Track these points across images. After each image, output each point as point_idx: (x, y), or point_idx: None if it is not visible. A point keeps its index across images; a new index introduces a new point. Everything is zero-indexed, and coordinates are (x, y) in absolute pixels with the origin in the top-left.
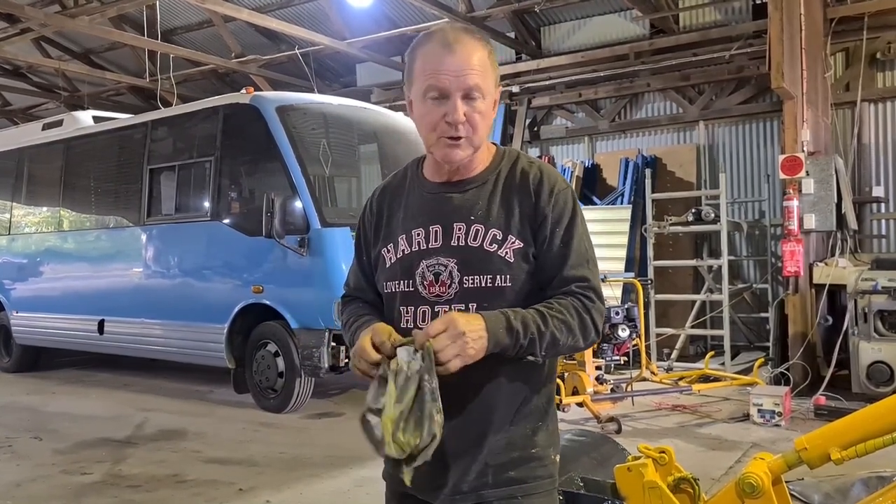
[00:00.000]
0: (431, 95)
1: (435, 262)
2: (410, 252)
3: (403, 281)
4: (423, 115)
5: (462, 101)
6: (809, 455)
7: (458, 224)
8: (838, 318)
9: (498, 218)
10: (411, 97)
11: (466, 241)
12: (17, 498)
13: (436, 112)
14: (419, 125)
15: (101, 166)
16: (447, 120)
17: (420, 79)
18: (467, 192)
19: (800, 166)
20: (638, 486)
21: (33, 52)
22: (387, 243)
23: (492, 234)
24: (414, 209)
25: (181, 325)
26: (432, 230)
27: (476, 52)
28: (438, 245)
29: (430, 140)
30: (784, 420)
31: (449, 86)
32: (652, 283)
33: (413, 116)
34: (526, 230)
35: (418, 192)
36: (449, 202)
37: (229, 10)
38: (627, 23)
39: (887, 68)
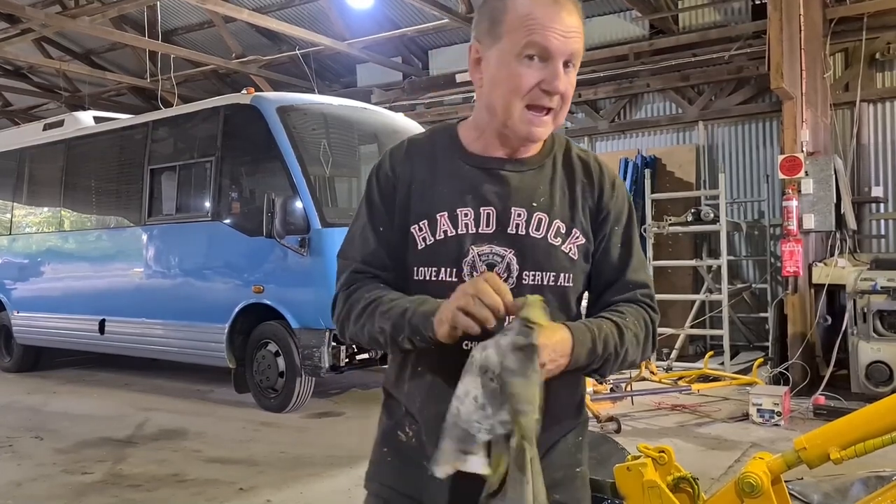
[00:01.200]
0: (530, 53)
1: (489, 251)
2: (456, 235)
3: (445, 269)
4: (511, 76)
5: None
6: (809, 455)
7: (518, 209)
8: (837, 318)
9: (562, 208)
10: (490, 55)
11: (528, 231)
12: (17, 498)
13: (531, 75)
14: (497, 86)
15: (102, 166)
16: (544, 87)
17: (518, 31)
18: (524, 173)
19: (799, 166)
20: (637, 486)
21: (34, 52)
22: (418, 220)
23: (556, 225)
24: (457, 183)
25: (182, 324)
26: (483, 212)
27: (577, 14)
28: (491, 231)
29: (512, 107)
30: (783, 420)
31: (556, 47)
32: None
33: (485, 75)
34: (588, 225)
35: (457, 164)
36: (505, 182)
37: (230, 11)
38: (627, 23)
39: (886, 69)
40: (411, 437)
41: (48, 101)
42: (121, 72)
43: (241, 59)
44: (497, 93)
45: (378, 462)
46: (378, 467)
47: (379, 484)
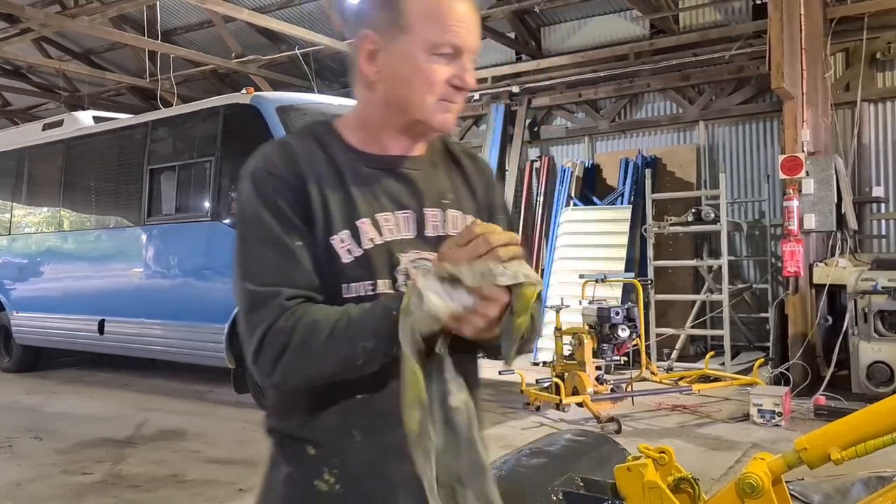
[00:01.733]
0: (444, 51)
1: (416, 257)
2: (384, 242)
3: (382, 281)
4: (423, 72)
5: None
6: (809, 455)
7: (432, 210)
8: (838, 319)
9: (467, 203)
10: (393, 48)
11: (446, 231)
12: (17, 498)
13: (443, 71)
14: (408, 82)
15: (102, 166)
16: (456, 83)
17: (427, 29)
18: (423, 171)
19: (800, 166)
20: (638, 487)
21: (33, 52)
22: (338, 230)
23: (467, 222)
24: (367, 187)
25: (181, 325)
26: (401, 216)
27: (474, 9)
28: (412, 235)
29: (425, 103)
30: (784, 420)
31: (466, 43)
32: (652, 283)
33: (386, 69)
34: (486, 217)
35: (358, 166)
36: (412, 182)
37: (229, 11)
38: (627, 23)
39: (887, 68)
40: (334, 483)
41: (47, 100)
42: (120, 71)
43: (241, 59)
44: (408, 89)
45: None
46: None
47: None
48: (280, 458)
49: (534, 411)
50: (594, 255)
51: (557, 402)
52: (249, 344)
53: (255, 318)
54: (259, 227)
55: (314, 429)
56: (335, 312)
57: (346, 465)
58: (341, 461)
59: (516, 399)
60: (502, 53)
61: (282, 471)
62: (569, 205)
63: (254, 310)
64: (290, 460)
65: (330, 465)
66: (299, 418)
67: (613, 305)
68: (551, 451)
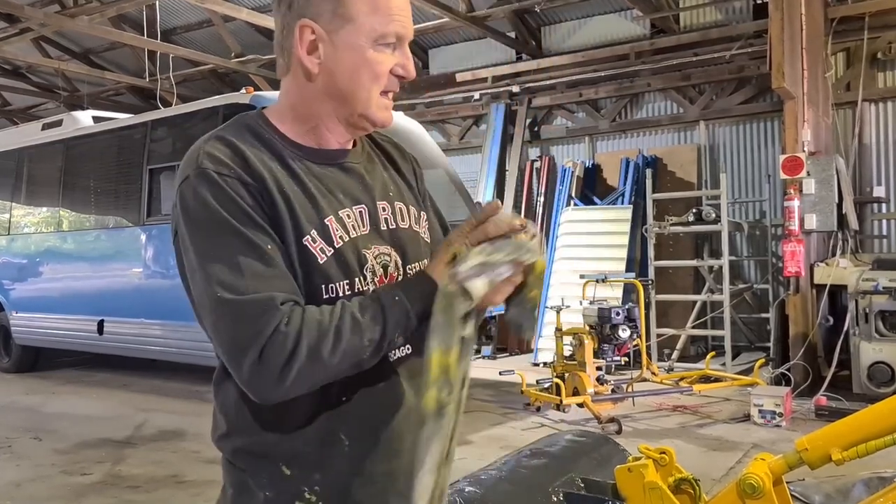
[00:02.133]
0: (388, 41)
1: (377, 252)
2: (350, 239)
3: (357, 279)
4: (369, 63)
5: None
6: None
7: (381, 203)
8: (839, 319)
9: (407, 194)
10: (338, 37)
11: (396, 224)
12: (17, 498)
13: (387, 62)
14: (354, 73)
15: (101, 166)
16: (399, 73)
17: (370, 16)
18: (361, 164)
19: (800, 166)
20: (638, 487)
21: (33, 52)
22: (308, 230)
23: (412, 212)
24: (319, 184)
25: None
26: (357, 211)
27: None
28: (367, 230)
29: (371, 95)
30: (785, 420)
31: (406, 31)
32: (652, 283)
33: (328, 60)
34: (421, 207)
35: (304, 162)
36: (361, 176)
37: (229, 10)
38: (628, 22)
39: (888, 68)
40: (316, 500)
41: (47, 100)
42: (120, 71)
43: (241, 59)
44: (353, 81)
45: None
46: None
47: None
48: (250, 484)
49: (534, 412)
50: (595, 255)
51: (558, 402)
52: (244, 358)
53: (250, 329)
54: (224, 233)
55: (295, 442)
56: (334, 310)
57: (328, 478)
58: (322, 475)
59: (517, 400)
60: (502, 53)
61: (256, 497)
62: (569, 205)
63: (246, 321)
64: (264, 485)
65: (310, 482)
66: (277, 434)
67: (614, 306)
68: (552, 452)
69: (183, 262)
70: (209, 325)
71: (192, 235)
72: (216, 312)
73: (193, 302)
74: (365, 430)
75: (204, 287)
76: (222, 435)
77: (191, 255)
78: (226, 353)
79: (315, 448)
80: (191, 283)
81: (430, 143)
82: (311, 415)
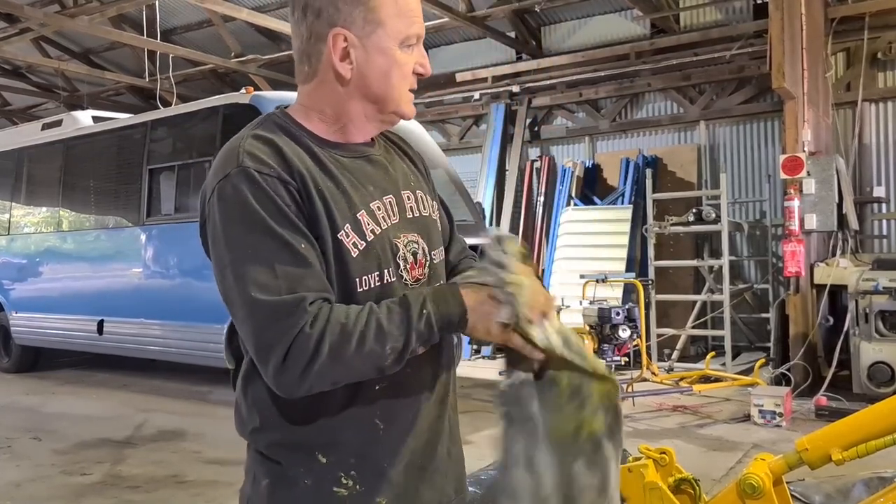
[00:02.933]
0: (411, 42)
1: (407, 240)
2: (382, 231)
3: (386, 270)
4: (400, 65)
5: None
6: (810, 456)
7: (405, 192)
8: (839, 319)
9: (423, 183)
10: (369, 41)
11: (419, 212)
12: (16, 498)
13: (412, 61)
14: (386, 75)
15: (101, 166)
16: (419, 71)
17: (396, 21)
18: (384, 156)
19: (801, 166)
20: (639, 487)
21: (33, 51)
22: (343, 225)
23: (429, 201)
24: (351, 178)
25: (181, 325)
26: (387, 201)
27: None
28: (398, 219)
29: (400, 94)
30: (785, 421)
31: (423, 31)
32: (652, 283)
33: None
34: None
35: (333, 156)
36: (384, 167)
37: (229, 10)
38: (628, 22)
39: (888, 68)
40: (353, 484)
41: (47, 100)
42: (119, 71)
43: (240, 59)
44: (386, 82)
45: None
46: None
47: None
48: (289, 475)
49: None
50: (595, 255)
51: None
52: (271, 357)
53: (279, 328)
54: (261, 232)
55: (330, 432)
56: (361, 314)
57: (365, 462)
58: (358, 460)
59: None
60: (502, 53)
61: (296, 487)
62: (569, 205)
63: (277, 320)
64: (302, 474)
65: (346, 467)
66: (313, 424)
67: (614, 306)
68: None
69: (212, 255)
70: (239, 322)
71: (227, 232)
72: (247, 311)
73: (222, 296)
74: (397, 413)
75: (235, 285)
76: (255, 429)
77: (223, 252)
78: (254, 351)
79: (351, 435)
80: (220, 278)
81: (430, 143)
82: (345, 405)
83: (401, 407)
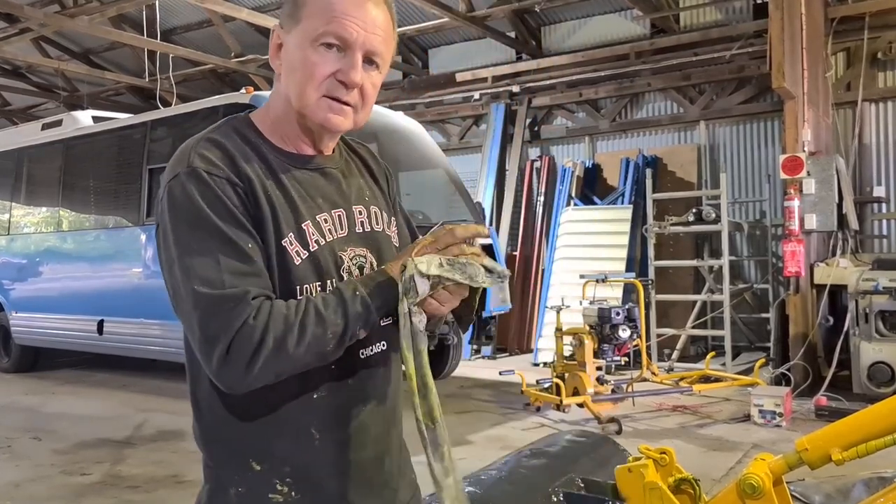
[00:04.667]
0: (328, 41)
1: (353, 254)
2: (326, 243)
3: (329, 280)
4: (307, 64)
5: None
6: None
7: (357, 207)
8: (839, 319)
9: (379, 199)
10: (289, 39)
11: (371, 227)
12: (16, 498)
13: (327, 64)
14: (293, 75)
15: (101, 166)
16: (340, 78)
17: (314, 19)
18: (340, 170)
19: (801, 166)
20: (638, 487)
21: (32, 51)
22: (286, 233)
23: (383, 217)
24: (300, 189)
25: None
26: (335, 215)
27: (387, 13)
28: (346, 233)
29: (307, 98)
30: (785, 421)
31: (354, 38)
32: (652, 283)
33: (284, 63)
34: (391, 210)
35: (285, 166)
36: (336, 181)
37: (229, 10)
38: (628, 22)
39: (888, 68)
40: (289, 491)
41: (47, 100)
42: (119, 71)
43: (240, 59)
44: (292, 79)
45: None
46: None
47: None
48: (223, 480)
49: (534, 412)
50: (595, 255)
51: (558, 402)
52: (215, 348)
53: (220, 321)
54: (207, 229)
55: (264, 438)
56: (299, 305)
57: (300, 471)
58: (293, 468)
59: (516, 400)
60: (502, 53)
61: (230, 491)
62: (569, 205)
63: (218, 314)
64: (236, 481)
65: (280, 474)
66: (249, 431)
67: (614, 306)
68: (552, 452)
69: (161, 254)
70: (184, 317)
71: (176, 229)
72: (191, 304)
73: (170, 294)
74: (335, 424)
75: (182, 280)
76: (198, 436)
77: (171, 249)
78: (197, 344)
79: (286, 443)
80: (168, 276)
81: (430, 143)
82: (281, 410)
83: (340, 418)
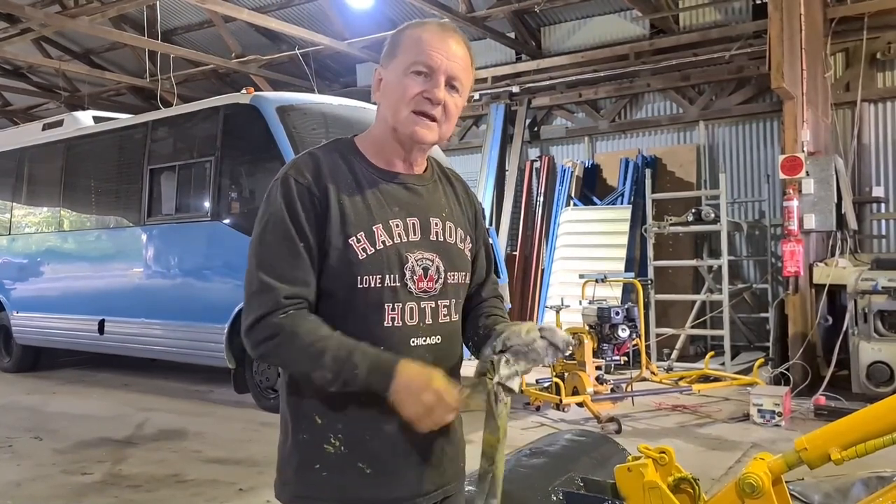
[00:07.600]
0: (416, 69)
1: (420, 257)
2: (393, 244)
3: (389, 276)
4: (399, 88)
5: (445, 85)
6: (809, 455)
7: (434, 219)
8: (838, 319)
9: (459, 218)
10: (387, 74)
11: (444, 238)
12: (17, 498)
13: (416, 86)
14: (389, 98)
15: (102, 166)
16: (426, 95)
17: (408, 54)
18: (426, 187)
19: (800, 166)
20: (638, 487)
21: (33, 52)
22: (355, 232)
23: (459, 232)
24: (382, 197)
25: (181, 325)
26: (409, 223)
27: (466, 49)
28: (418, 239)
29: (400, 114)
30: (784, 420)
31: (438, 65)
32: (652, 283)
33: (381, 93)
34: (471, 232)
35: (372, 179)
36: (419, 195)
37: (229, 10)
38: (627, 23)
39: (887, 68)
40: (339, 445)
41: (47, 100)
42: (120, 71)
43: (241, 59)
44: (389, 101)
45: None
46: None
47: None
48: (294, 427)
49: (534, 411)
50: (594, 255)
51: (557, 402)
52: (246, 319)
53: (256, 301)
54: (278, 225)
55: (321, 403)
56: (319, 336)
57: (349, 429)
58: (344, 426)
59: (516, 399)
60: (502, 53)
61: (298, 437)
62: (569, 205)
63: (259, 294)
64: (303, 429)
65: (334, 431)
66: (310, 395)
67: (613, 305)
68: (551, 451)
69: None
70: (244, 283)
71: (259, 221)
72: (246, 279)
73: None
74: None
75: (250, 257)
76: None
77: (256, 228)
78: (244, 306)
79: (340, 405)
80: (249, 246)
81: None
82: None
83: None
